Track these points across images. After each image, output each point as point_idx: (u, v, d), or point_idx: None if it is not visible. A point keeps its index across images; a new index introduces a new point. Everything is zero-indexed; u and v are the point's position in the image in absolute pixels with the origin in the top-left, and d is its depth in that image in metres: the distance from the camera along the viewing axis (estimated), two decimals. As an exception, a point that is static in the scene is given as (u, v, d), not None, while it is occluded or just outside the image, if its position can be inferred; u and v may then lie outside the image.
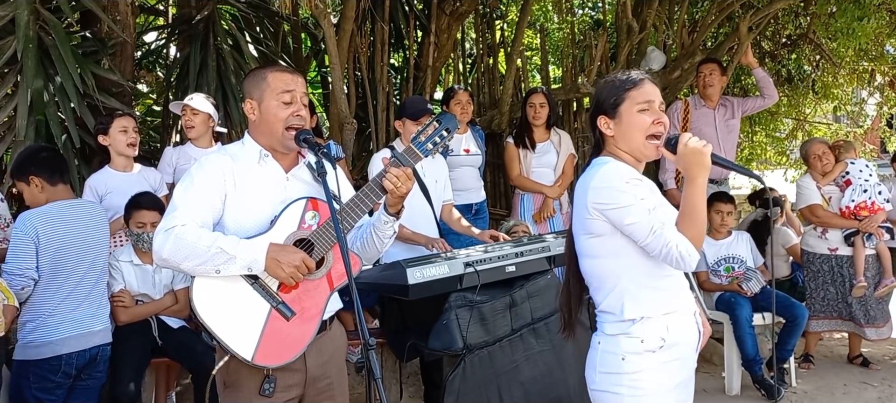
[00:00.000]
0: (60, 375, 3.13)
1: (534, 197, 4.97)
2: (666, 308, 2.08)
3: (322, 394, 2.28)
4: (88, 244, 3.26)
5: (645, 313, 2.06)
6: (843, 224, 4.98)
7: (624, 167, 2.09)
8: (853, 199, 4.96)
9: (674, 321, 2.09)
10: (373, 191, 2.16)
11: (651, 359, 2.04)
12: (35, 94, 4.11)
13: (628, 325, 2.06)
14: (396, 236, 2.36)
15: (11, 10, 4.08)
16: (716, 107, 5.46)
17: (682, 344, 2.11)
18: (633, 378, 2.04)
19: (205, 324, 2.07)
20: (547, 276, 3.63)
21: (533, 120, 4.92)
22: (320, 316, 2.18)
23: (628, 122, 2.10)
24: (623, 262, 2.08)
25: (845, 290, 4.95)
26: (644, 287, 2.07)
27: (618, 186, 2.02)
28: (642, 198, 2.01)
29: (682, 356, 2.11)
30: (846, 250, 4.97)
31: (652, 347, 2.04)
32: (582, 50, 6.84)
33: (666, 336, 2.06)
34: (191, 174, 2.17)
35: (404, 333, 3.60)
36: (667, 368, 2.07)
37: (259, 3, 5.47)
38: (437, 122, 2.24)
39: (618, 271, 2.09)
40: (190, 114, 4.08)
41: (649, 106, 2.10)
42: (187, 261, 2.03)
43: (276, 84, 2.20)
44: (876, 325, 4.95)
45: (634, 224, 2.00)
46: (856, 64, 7.35)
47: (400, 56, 6.77)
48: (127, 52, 4.73)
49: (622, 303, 2.07)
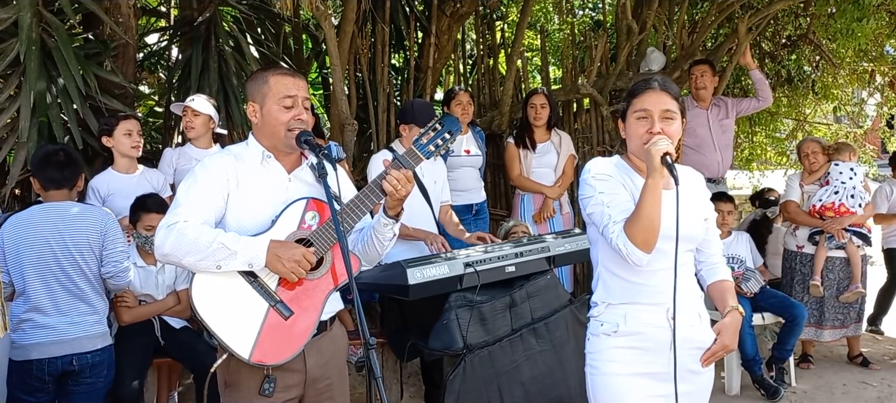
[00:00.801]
0: (35, 379, 3.04)
1: (534, 197, 4.99)
2: (628, 298, 2.17)
3: (322, 395, 2.30)
4: (65, 248, 3.10)
5: (609, 299, 2.20)
6: (807, 221, 5.06)
7: (603, 162, 2.24)
8: (821, 199, 5.01)
9: (634, 311, 2.16)
10: (373, 193, 2.17)
11: (606, 341, 2.18)
12: (38, 96, 4.12)
13: (595, 308, 2.25)
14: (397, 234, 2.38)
15: (14, 12, 4.10)
16: (709, 108, 5.48)
17: (643, 336, 2.15)
18: (593, 358, 2.22)
19: (203, 322, 2.09)
20: (546, 276, 3.64)
21: (533, 120, 4.93)
22: (318, 317, 2.20)
23: (630, 129, 2.21)
24: (601, 250, 2.23)
25: (804, 288, 5.02)
26: (614, 275, 2.19)
27: (586, 179, 2.20)
28: (602, 192, 2.14)
29: (644, 347, 2.15)
30: (811, 249, 5.03)
31: (607, 331, 2.18)
32: (582, 51, 6.85)
33: (621, 323, 2.16)
34: (195, 172, 2.21)
35: (405, 333, 3.62)
36: (622, 354, 2.15)
37: (260, 4, 5.49)
38: (440, 125, 2.26)
39: (598, 258, 2.26)
40: (191, 115, 4.10)
41: (646, 115, 2.15)
42: (189, 257, 2.06)
43: (278, 88, 2.23)
44: (825, 327, 5.00)
45: (592, 215, 2.17)
46: (855, 64, 7.35)
47: (400, 57, 6.78)
48: (129, 53, 4.74)
49: (598, 288, 2.25)
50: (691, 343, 2.19)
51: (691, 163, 5.47)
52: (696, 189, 2.29)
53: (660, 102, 2.15)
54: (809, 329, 5.00)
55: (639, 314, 2.16)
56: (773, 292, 4.93)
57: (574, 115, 6.44)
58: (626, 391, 2.14)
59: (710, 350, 2.19)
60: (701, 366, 2.20)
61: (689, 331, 2.18)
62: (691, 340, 2.19)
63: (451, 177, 4.31)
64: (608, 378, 2.16)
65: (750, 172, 9.77)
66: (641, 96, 2.18)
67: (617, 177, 2.20)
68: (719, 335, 2.19)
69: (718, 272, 2.33)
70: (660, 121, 2.14)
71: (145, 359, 3.60)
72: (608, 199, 2.13)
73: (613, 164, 2.24)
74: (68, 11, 4.24)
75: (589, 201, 2.17)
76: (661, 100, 2.16)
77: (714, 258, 2.34)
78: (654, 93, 2.17)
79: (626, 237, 2.05)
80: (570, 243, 3.73)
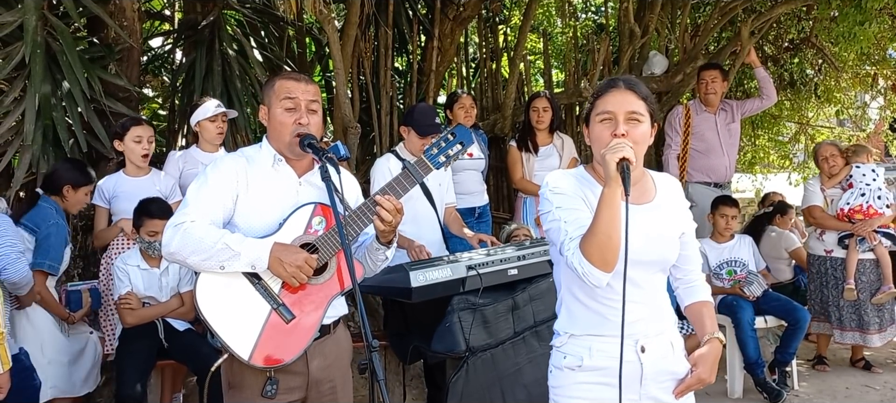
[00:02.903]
0: None
1: (536, 200, 4.99)
2: (594, 329, 1.96)
3: (325, 398, 2.31)
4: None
5: (572, 329, 2.00)
6: (836, 226, 5.02)
7: (562, 174, 2.02)
8: (849, 202, 4.98)
9: (599, 344, 1.94)
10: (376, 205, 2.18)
11: (570, 376, 1.97)
12: (43, 99, 4.15)
13: (557, 337, 2.04)
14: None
15: (19, 15, 4.13)
16: (716, 112, 5.48)
17: (609, 370, 1.91)
18: (556, 393, 2.01)
19: (206, 321, 2.11)
20: (549, 279, 3.65)
21: (536, 124, 4.94)
22: (320, 321, 2.20)
23: (592, 135, 1.98)
24: (563, 272, 2.02)
25: (839, 292, 4.98)
26: (578, 302, 1.99)
27: (544, 193, 1.99)
28: (559, 207, 1.93)
29: (611, 382, 1.90)
30: (841, 252, 4.99)
31: (571, 364, 1.97)
32: (585, 54, 6.87)
33: (586, 356, 1.95)
34: (206, 172, 2.23)
35: (407, 336, 3.63)
36: (587, 390, 1.95)
37: (264, 8, 5.51)
38: (453, 135, 2.26)
39: (560, 280, 2.06)
40: (220, 121, 4.12)
41: (610, 116, 1.93)
42: (194, 256, 2.07)
43: (281, 91, 2.25)
44: (870, 332, 4.95)
45: (549, 231, 1.97)
46: (858, 68, 7.36)
47: (403, 60, 6.81)
48: (133, 57, 4.77)
49: (560, 315, 2.06)
50: (664, 375, 1.99)
51: (700, 168, 5.58)
52: (673, 201, 2.05)
53: (625, 103, 1.92)
54: (853, 333, 4.97)
55: (604, 347, 1.93)
56: (776, 295, 4.92)
57: (576, 119, 6.45)
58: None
59: (685, 383, 1.97)
60: (675, 398, 1.99)
61: (661, 364, 1.98)
62: (664, 372, 1.99)
63: (453, 181, 4.31)
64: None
65: (753, 175, 9.78)
66: (605, 97, 1.95)
67: (577, 190, 1.97)
68: (695, 366, 1.97)
69: (696, 292, 2.09)
70: (624, 124, 1.90)
71: (149, 361, 3.61)
72: (566, 215, 1.91)
73: (574, 176, 2.02)
74: (73, 15, 4.27)
75: (546, 217, 1.96)
76: (627, 101, 1.93)
77: (692, 275, 2.10)
78: (619, 92, 1.94)
79: (581, 255, 1.82)
80: (572, 246, 3.73)
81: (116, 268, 3.65)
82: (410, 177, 2.22)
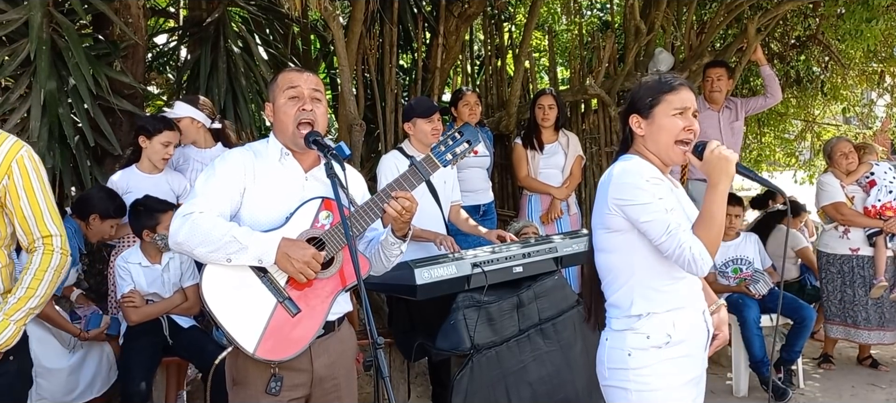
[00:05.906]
0: None
1: (541, 198, 4.99)
2: (673, 304, 2.10)
3: (329, 395, 2.30)
4: None
5: (651, 309, 2.08)
6: (868, 223, 4.99)
7: (646, 165, 2.11)
8: (880, 199, 4.98)
9: (680, 317, 2.10)
10: (384, 200, 2.19)
11: (657, 355, 2.06)
12: (48, 96, 4.16)
13: (634, 321, 2.09)
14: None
15: (25, 12, 4.13)
16: (720, 110, 5.46)
17: (690, 341, 2.11)
18: (639, 374, 2.07)
19: (211, 313, 2.11)
20: (554, 277, 3.64)
21: (541, 121, 4.93)
22: (325, 316, 2.20)
23: (660, 125, 2.13)
24: (637, 259, 2.09)
25: (866, 291, 4.95)
26: (653, 288, 2.09)
27: (638, 183, 2.05)
28: (660, 198, 2.03)
29: (691, 352, 2.12)
30: (868, 250, 4.98)
31: (657, 343, 2.06)
32: (590, 51, 6.85)
33: (672, 332, 2.07)
34: (214, 165, 2.25)
35: (412, 333, 3.62)
36: (675, 364, 2.08)
37: (269, 5, 5.51)
38: (460, 134, 2.26)
39: (630, 268, 2.11)
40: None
41: (684, 112, 2.12)
42: (201, 247, 2.08)
43: (284, 82, 2.27)
44: (890, 329, 4.94)
45: (650, 221, 2.02)
46: (865, 65, 7.33)
47: (408, 58, 6.80)
48: (138, 54, 4.77)
49: (631, 299, 2.10)
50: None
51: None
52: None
53: (692, 101, 2.15)
54: (873, 332, 4.97)
55: (685, 319, 2.11)
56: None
57: (582, 116, 6.44)
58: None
59: (714, 345, 2.25)
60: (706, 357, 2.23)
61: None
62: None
63: (458, 178, 4.31)
64: (665, 394, 2.07)
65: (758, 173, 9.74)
66: (678, 92, 2.13)
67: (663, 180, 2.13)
68: (718, 330, 2.27)
69: None
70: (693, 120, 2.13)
71: (154, 359, 3.61)
72: (669, 205, 2.04)
73: (649, 167, 2.14)
74: (79, 12, 4.27)
75: (645, 208, 2.02)
76: (693, 99, 2.15)
77: None
78: (688, 90, 2.16)
79: (702, 245, 1.98)
80: (577, 244, 3.72)
81: (118, 267, 3.65)
82: (417, 174, 2.22)
